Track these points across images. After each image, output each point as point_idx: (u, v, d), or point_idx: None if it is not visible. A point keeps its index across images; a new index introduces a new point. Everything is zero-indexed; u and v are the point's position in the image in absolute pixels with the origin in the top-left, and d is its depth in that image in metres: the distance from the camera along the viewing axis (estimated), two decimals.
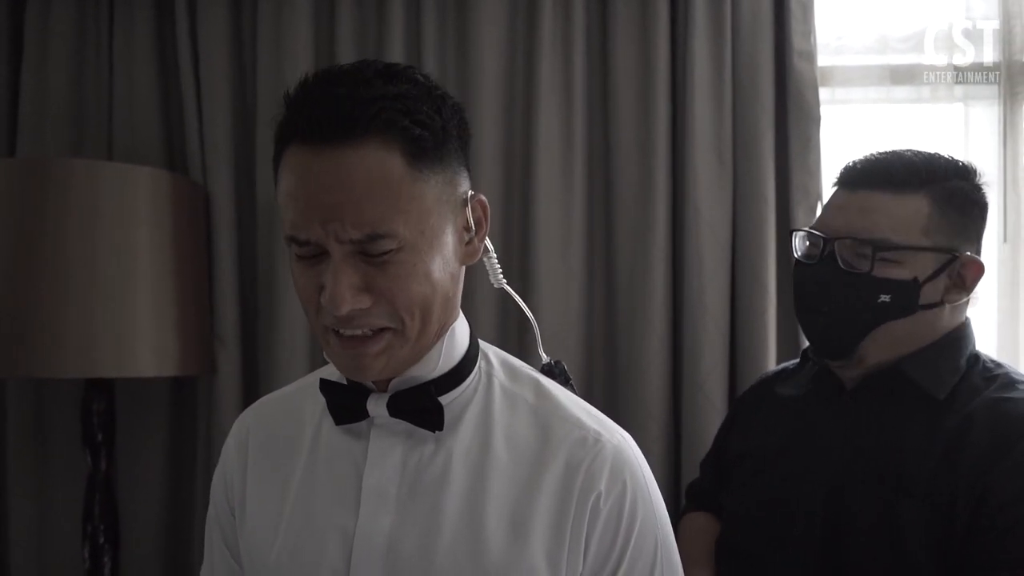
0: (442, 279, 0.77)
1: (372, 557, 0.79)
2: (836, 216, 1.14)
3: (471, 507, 0.79)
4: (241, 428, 0.92)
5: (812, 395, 1.21)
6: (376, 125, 0.71)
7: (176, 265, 1.58)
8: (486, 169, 1.69)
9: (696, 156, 1.64)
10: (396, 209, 0.72)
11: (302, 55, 1.72)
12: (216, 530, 0.94)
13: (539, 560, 0.78)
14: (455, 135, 0.78)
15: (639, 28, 1.68)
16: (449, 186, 0.77)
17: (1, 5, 1.78)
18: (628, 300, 1.68)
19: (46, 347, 1.44)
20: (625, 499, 0.81)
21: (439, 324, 0.80)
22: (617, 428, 0.86)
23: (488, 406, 0.84)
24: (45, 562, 1.76)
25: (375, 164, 0.71)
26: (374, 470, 0.81)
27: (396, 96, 0.72)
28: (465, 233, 0.81)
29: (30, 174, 1.51)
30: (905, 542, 1.03)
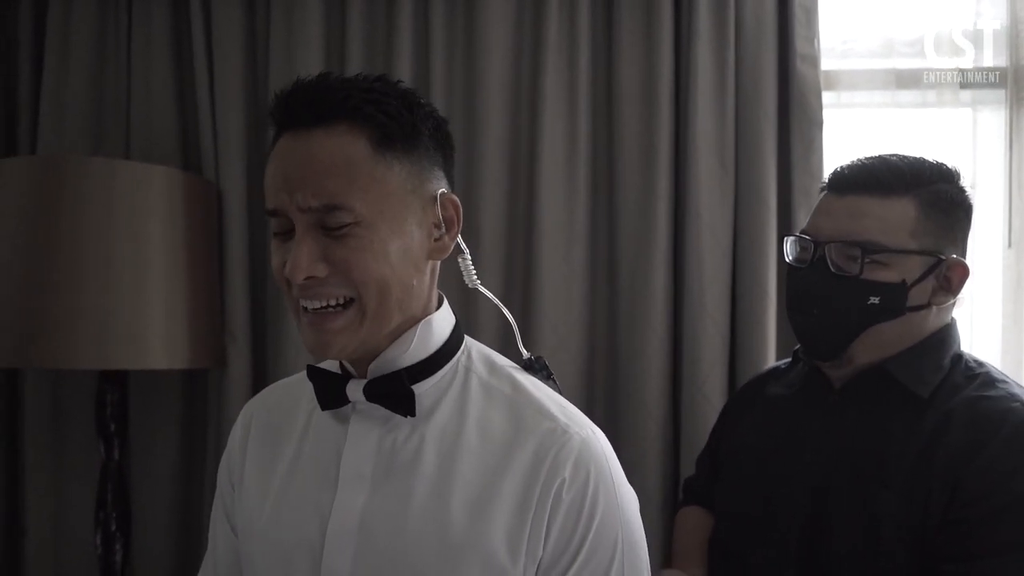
0: (401, 264, 0.82)
1: (345, 533, 0.83)
2: (825, 221, 1.16)
3: (439, 489, 0.83)
4: (246, 413, 0.99)
5: (802, 394, 1.24)
6: (344, 111, 0.79)
7: (188, 261, 1.63)
8: (491, 171, 1.72)
9: (698, 159, 1.66)
10: (356, 186, 0.79)
11: (313, 55, 1.75)
12: (220, 506, 1.00)
13: (499, 542, 0.81)
14: (428, 136, 0.84)
15: (643, 33, 1.70)
16: (416, 179, 0.83)
17: (24, 5, 1.83)
18: (629, 301, 1.70)
19: (62, 339, 1.49)
20: (588, 489, 0.83)
21: (399, 309, 0.84)
22: (588, 423, 0.89)
23: (464, 396, 0.88)
24: (60, 548, 1.81)
25: (340, 145, 0.79)
26: (351, 452, 0.86)
27: (366, 89, 0.81)
28: (435, 229, 0.86)
29: (49, 171, 1.56)
30: (881, 534, 1.06)
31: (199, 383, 1.83)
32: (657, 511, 1.66)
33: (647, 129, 1.69)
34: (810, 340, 1.19)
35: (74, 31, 1.81)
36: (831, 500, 1.12)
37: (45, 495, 1.81)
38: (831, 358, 1.17)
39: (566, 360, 1.70)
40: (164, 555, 1.82)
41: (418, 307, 0.87)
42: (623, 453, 1.67)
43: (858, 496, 1.09)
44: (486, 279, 1.70)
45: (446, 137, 0.88)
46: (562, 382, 1.66)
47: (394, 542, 0.82)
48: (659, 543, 1.66)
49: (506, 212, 1.74)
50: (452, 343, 0.90)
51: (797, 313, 1.20)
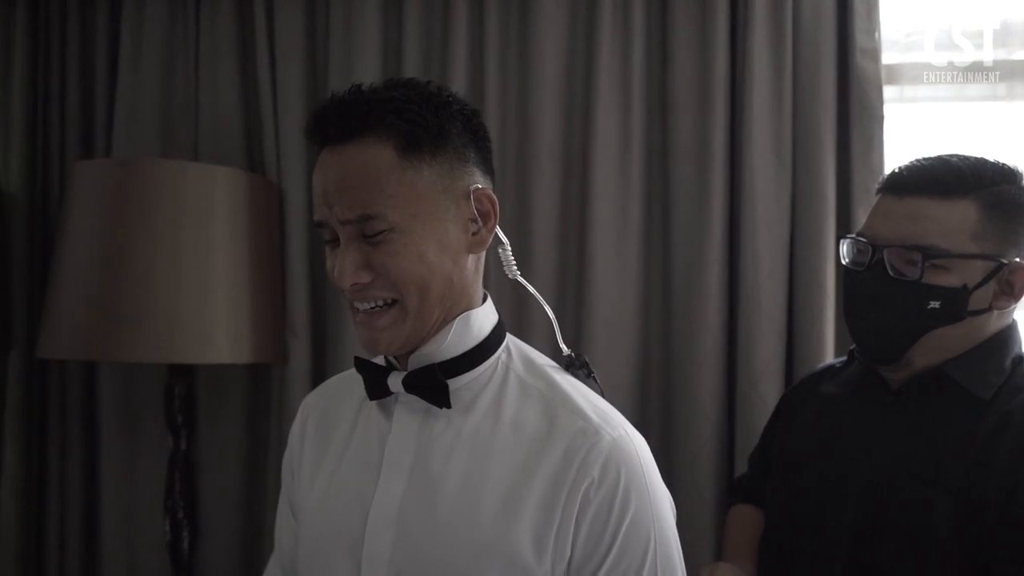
0: (439, 261, 0.85)
1: (384, 520, 0.86)
2: (883, 223, 1.14)
3: (470, 483, 0.85)
4: (304, 407, 1.05)
5: (856, 394, 1.22)
6: (371, 124, 0.83)
7: (251, 259, 1.68)
8: (544, 172, 1.73)
9: (754, 155, 1.64)
10: (386, 194, 0.82)
11: (371, 58, 1.80)
12: (284, 498, 1.05)
13: (525, 540, 0.82)
14: (456, 134, 0.86)
15: (698, 27, 1.69)
16: (447, 178, 0.86)
17: (100, 16, 1.92)
18: (683, 299, 1.70)
19: (133, 334, 1.56)
20: (618, 489, 0.84)
21: (441, 304, 0.87)
22: (622, 423, 0.89)
23: (502, 393, 0.89)
24: (132, 533, 1.90)
25: (369, 156, 0.83)
26: (393, 441, 0.90)
27: (389, 99, 0.84)
28: (472, 224, 0.88)
29: (122, 173, 1.63)
30: (936, 536, 1.04)
31: (262, 377, 1.90)
32: (710, 510, 1.65)
33: (702, 125, 1.68)
34: (867, 344, 1.18)
35: (146, 39, 1.89)
36: (884, 501, 1.10)
37: (119, 482, 1.89)
38: (889, 362, 1.15)
39: (619, 358, 1.71)
40: (229, 542, 1.88)
41: (461, 301, 0.89)
42: (676, 451, 1.68)
43: (912, 497, 1.08)
44: (539, 279, 1.72)
45: (477, 130, 0.89)
46: (615, 380, 1.69)
47: (427, 532, 0.85)
48: (712, 542, 1.65)
49: (559, 212, 1.75)
50: (493, 340, 0.92)
51: (854, 317, 1.18)
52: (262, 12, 1.84)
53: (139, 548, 1.89)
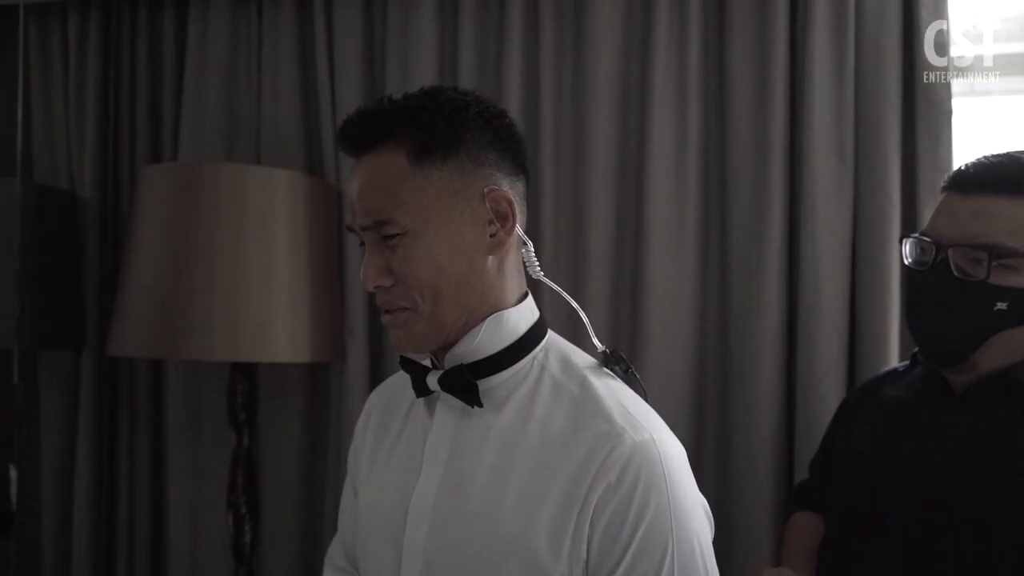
0: (452, 264, 0.87)
1: (421, 511, 0.89)
2: (948, 222, 1.11)
3: (496, 480, 0.87)
4: (368, 403, 1.09)
5: (920, 398, 1.19)
6: (385, 133, 0.87)
7: (311, 260, 1.72)
8: (599, 170, 1.72)
9: (814, 153, 1.61)
10: (397, 200, 0.86)
11: (427, 61, 1.81)
12: (349, 487, 1.10)
13: (542, 540, 0.83)
14: (472, 139, 0.88)
15: (756, 21, 1.66)
16: (459, 182, 0.88)
17: (167, 25, 1.98)
18: (741, 300, 1.67)
19: (197, 333, 1.60)
20: (635, 494, 0.83)
21: (459, 306, 0.88)
22: (650, 427, 0.87)
23: (535, 394, 0.90)
24: (197, 527, 1.96)
25: (383, 164, 0.87)
26: (433, 437, 0.93)
27: (405, 108, 0.88)
28: (489, 226, 0.89)
29: (187, 177, 1.69)
30: (999, 542, 1.02)
31: (321, 376, 1.93)
32: (769, 515, 1.62)
33: (760, 123, 1.65)
34: (930, 346, 1.14)
35: (210, 46, 1.94)
36: (947, 506, 1.07)
37: (185, 478, 1.96)
38: (953, 364, 1.12)
39: (676, 362, 1.69)
40: (290, 537, 1.93)
41: (486, 301, 0.90)
42: (734, 455, 1.66)
43: (976, 503, 1.05)
44: (594, 282, 1.72)
45: (499, 131, 0.90)
46: (672, 384, 1.67)
47: (455, 525, 0.88)
48: (771, 548, 1.62)
49: (615, 215, 1.74)
50: (529, 340, 0.92)
51: (916, 318, 1.15)
52: (322, 17, 1.87)
53: (203, 541, 1.95)
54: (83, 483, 1.96)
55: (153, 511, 1.99)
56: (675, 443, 0.89)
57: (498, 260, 0.90)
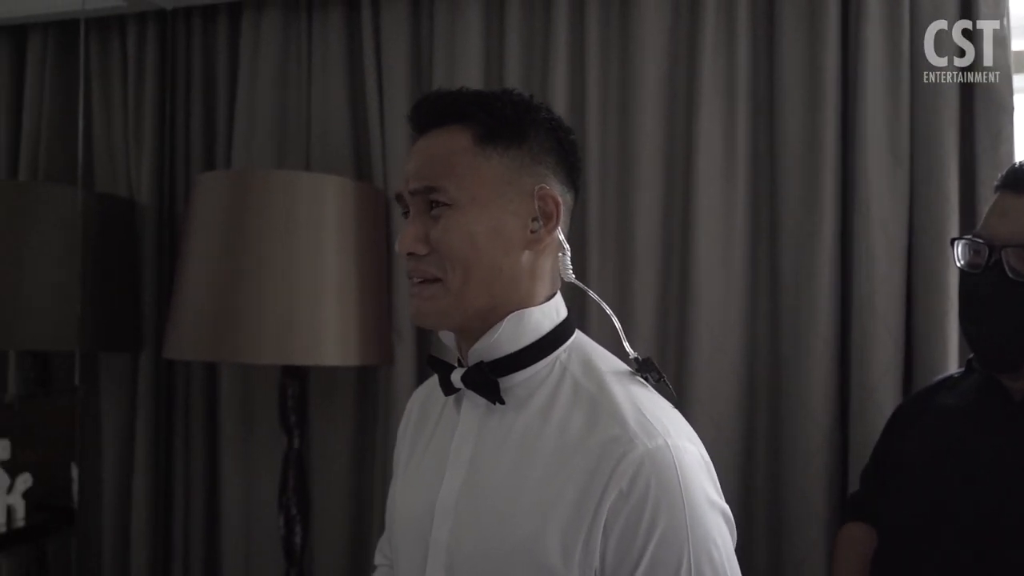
0: (489, 246, 0.88)
1: (446, 508, 0.91)
2: (1002, 222, 1.07)
3: (513, 480, 0.87)
4: (410, 403, 1.11)
5: (976, 406, 1.15)
6: (454, 113, 0.90)
7: (359, 264, 1.74)
8: (646, 173, 1.71)
9: (867, 152, 1.57)
10: (453, 172, 0.88)
11: (473, 65, 1.82)
12: (395, 478, 1.10)
13: (554, 544, 0.82)
14: (536, 139, 0.91)
15: (807, 17, 1.63)
16: (515, 172, 0.90)
17: (220, 36, 2.03)
18: (792, 304, 1.64)
19: (249, 336, 1.63)
20: (647, 503, 0.81)
21: (487, 290, 0.89)
22: (667, 433, 0.84)
23: (555, 394, 0.90)
24: (250, 527, 2.00)
25: (448, 138, 0.90)
26: (458, 435, 0.94)
27: (477, 94, 0.91)
28: (532, 222, 0.90)
29: (239, 184, 1.72)
30: None
31: (370, 378, 1.95)
32: (822, 524, 1.59)
33: (811, 121, 1.62)
34: (985, 350, 1.11)
35: (262, 55, 1.98)
36: (1008, 518, 1.03)
37: (238, 478, 2.00)
38: (1009, 370, 1.08)
39: (725, 368, 1.66)
40: (340, 537, 1.95)
41: (513, 295, 0.90)
42: (785, 462, 1.62)
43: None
44: (641, 286, 1.70)
45: (563, 142, 0.93)
46: (720, 391, 1.65)
47: (474, 523, 0.88)
48: (823, 558, 1.58)
49: (662, 217, 1.72)
50: (552, 339, 0.92)
51: (970, 322, 1.12)
52: (369, 24, 1.90)
53: (256, 541, 1.99)
54: (141, 482, 2.01)
55: (207, 510, 2.04)
56: (693, 449, 0.86)
57: (533, 257, 0.91)
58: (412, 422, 1.06)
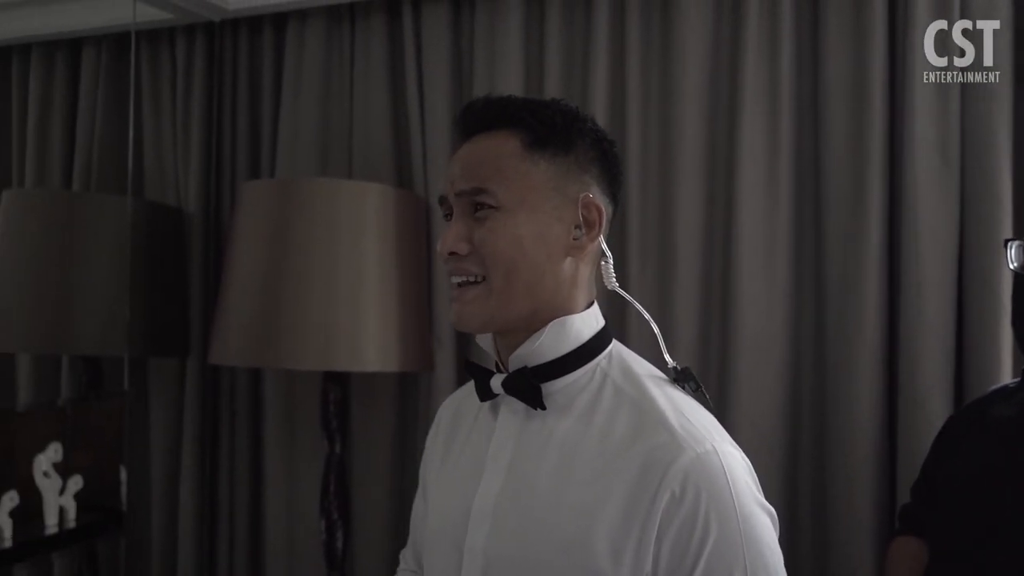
0: (533, 250, 0.89)
1: (482, 514, 0.90)
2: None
3: (556, 485, 0.87)
4: (439, 413, 1.11)
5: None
6: (504, 118, 0.91)
7: (399, 272, 1.75)
8: (687, 177, 1.69)
9: (915, 155, 1.53)
10: (501, 175, 0.89)
11: (513, 72, 1.82)
12: (420, 496, 1.12)
13: (602, 547, 0.82)
14: (582, 148, 0.92)
15: (852, 20, 1.60)
16: (561, 179, 0.91)
17: (266, 48, 2.07)
18: (838, 312, 1.60)
19: (292, 342, 1.66)
20: (699, 508, 0.81)
21: (529, 294, 0.89)
22: (712, 439, 0.85)
23: (597, 399, 0.90)
24: (292, 530, 2.02)
25: (497, 143, 0.91)
26: (496, 441, 0.94)
27: (527, 101, 0.93)
28: (575, 229, 0.91)
29: (282, 192, 1.75)
30: None
31: (410, 384, 1.96)
32: (869, 536, 1.55)
33: (856, 123, 1.58)
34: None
35: (306, 65, 2.01)
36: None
37: (281, 483, 2.02)
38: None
39: (768, 373, 1.63)
40: (381, 542, 1.96)
41: (555, 301, 0.91)
42: (831, 473, 1.59)
43: None
44: (682, 292, 1.68)
45: (607, 153, 0.94)
46: (763, 400, 1.62)
47: (514, 528, 0.88)
48: (871, 572, 1.54)
49: (703, 222, 1.70)
50: (592, 346, 0.93)
51: (1023, 325, 1.07)
52: (411, 32, 1.91)
53: (298, 544, 2.01)
54: (187, 485, 2.05)
55: (251, 513, 2.07)
56: (737, 453, 0.86)
57: (575, 264, 0.92)
58: (443, 431, 1.06)
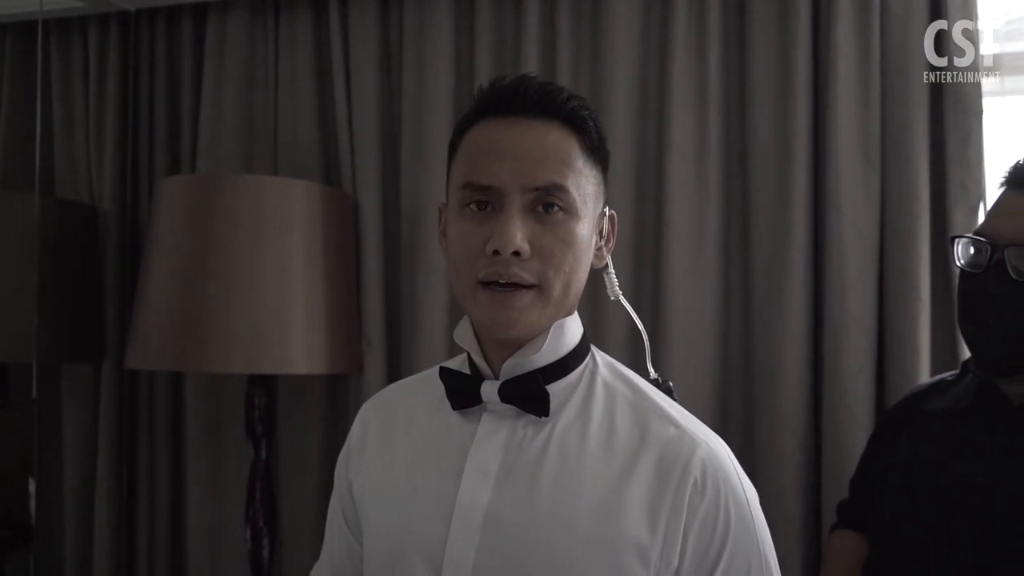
0: (586, 260, 0.87)
1: (470, 527, 0.85)
2: (1005, 221, 1.05)
3: (564, 485, 0.84)
4: (364, 412, 1.02)
5: (972, 411, 1.12)
6: (565, 112, 0.86)
7: (328, 271, 1.70)
8: (617, 173, 1.69)
9: (839, 154, 1.57)
10: (577, 175, 0.85)
11: (443, 68, 1.80)
12: (338, 511, 1.03)
13: (628, 545, 0.81)
14: (606, 158, 0.91)
15: (778, 21, 1.63)
16: (598, 189, 0.90)
17: (185, 37, 1.99)
18: (764, 306, 1.63)
19: (215, 345, 1.59)
20: (720, 500, 0.83)
21: (573, 300, 0.88)
22: (713, 435, 0.89)
23: (589, 398, 0.89)
24: (216, 540, 1.94)
25: (559, 138, 0.86)
26: (480, 449, 0.88)
27: (582, 98, 0.89)
28: (598, 239, 0.91)
29: (204, 188, 1.68)
30: None
31: (339, 387, 1.91)
32: (796, 529, 1.57)
33: (782, 123, 1.61)
34: (986, 353, 1.08)
35: (228, 58, 1.94)
36: (1009, 530, 1.00)
37: (203, 490, 1.94)
38: (1010, 373, 1.06)
39: (697, 370, 1.65)
40: (309, 552, 1.90)
41: (571, 307, 0.90)
42: (758, 467, 1.61)
43: None
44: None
45: (606, 167, 0.93)
46: (693, 393, 1.63)
47: (521, 536, 0.84)
48: (799, 564, 1.57)
49: (633, 219, 1.71)
50: (582, 348, 0.92)
51: (970, 324, 1.09)
52: (338, 28, 1.86)
53: (223, 555, 1.94)
54: (103, 496, 1.96)
55: (172, 524, 1.99)
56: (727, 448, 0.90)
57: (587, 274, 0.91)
58: (372, 436, 0.98)
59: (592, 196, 0.87)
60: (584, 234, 0.85)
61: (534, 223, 0.83)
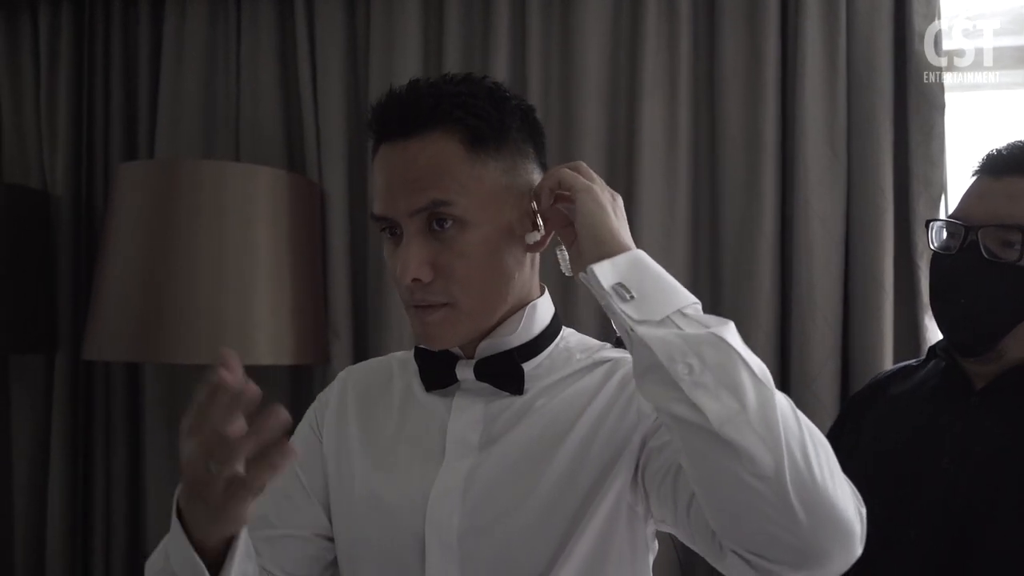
0: (504, 259, 0.85)
1: (449, 492, 0.86)
2: (978, 204, 1.08)
3: (544, 439, 0.86)
4: (343, 377, 1.02)
5: (936, 393, 1.14)
6: (436, 118, 0.83)
7: (293, 260, 1.67)
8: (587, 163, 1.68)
9: (807, 146, 1.59)
10: (458, 185, 0.82)
11: (412, 54, 1.78)
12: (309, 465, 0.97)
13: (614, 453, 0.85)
14: (516, 130, 0.87)
15: (747, 15, 1.65)
16: (510, 174, 0.86)
17: (143, 19, 1.93)
18: (733, 295, 1.65)
19: (176, 335, 1.55)
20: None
21: (503, 302, 0.88)
22: None
23: (564, 369, 0.91)
24: None
25: (437, 150, 0.83)
26: (456, 422, 0.90)
27: (454, 94, 0.84)
28: (531, 224, 0.87)
29: (164, 174, 1.63)
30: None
31: (304, 378, 1.88)
32: None
33: (751, 115, 1.63)
34: (955, 332, 1.10)
35: (188, 41, 1.89)
36: (973, 513, 1.02)
37: (163, 482, 1.89)
38: (981, 352, 1.07)
39: None
40: None
41: (523, 294, 0.91)
42: None
43: (1007, 510, 0.99)
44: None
45: (534, 125, 0.90)
46: None
47: (500, 500, 0.85)
48: None
49: None
50: (553, 327, 0.94)
51: (941, 301, 1.11)
52: (303, 11, 1.83)
53: None
54: (57, 489, 1.89)
55: (130, 519, 1.93)
56: None
57: (533, 256, 0.91)
58: (351, 399, 0.97)
59: (495, 191, 0.84)
60: (488, 238, 0.83)
61: (433, 241, 0.83)
